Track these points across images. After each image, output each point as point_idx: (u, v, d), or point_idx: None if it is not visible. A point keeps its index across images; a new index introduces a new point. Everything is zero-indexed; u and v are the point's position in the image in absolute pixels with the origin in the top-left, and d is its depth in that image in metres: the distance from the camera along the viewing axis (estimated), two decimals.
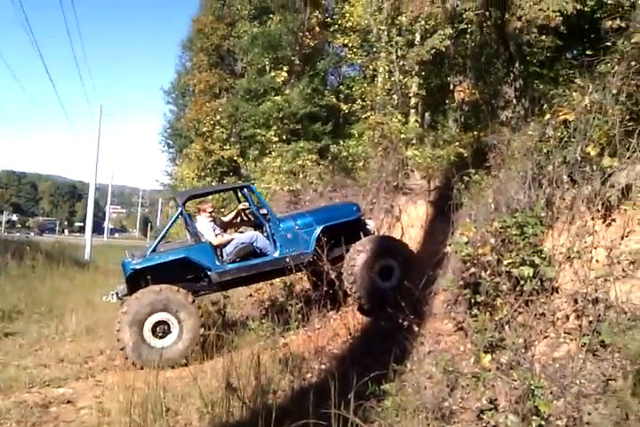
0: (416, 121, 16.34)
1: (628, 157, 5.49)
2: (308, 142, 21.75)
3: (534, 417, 4.26)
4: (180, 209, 7.73)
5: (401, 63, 20.01)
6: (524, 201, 6.17)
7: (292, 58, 22.41)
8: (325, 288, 6.99)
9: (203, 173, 28.52)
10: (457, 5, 12.11)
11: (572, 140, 5.91)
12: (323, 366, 6.41)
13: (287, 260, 7.50)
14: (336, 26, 21.25)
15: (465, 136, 12.36)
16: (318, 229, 7.93)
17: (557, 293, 5.38)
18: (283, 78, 21.88)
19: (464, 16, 12.02)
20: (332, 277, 7.19)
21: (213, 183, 26.07)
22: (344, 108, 21.16)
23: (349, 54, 20.44)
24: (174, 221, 8.07)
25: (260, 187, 21.43)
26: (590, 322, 4.91)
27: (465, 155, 11.13)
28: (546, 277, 5.26)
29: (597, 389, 4.42)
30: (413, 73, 15.77)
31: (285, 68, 21.84)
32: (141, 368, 6.57)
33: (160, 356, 6.21)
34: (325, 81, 24.52)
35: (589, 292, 5.08)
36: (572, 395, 4.39)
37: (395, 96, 19.68)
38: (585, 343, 4.78)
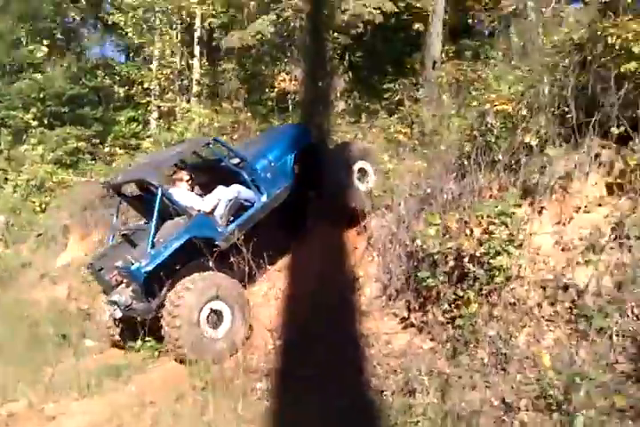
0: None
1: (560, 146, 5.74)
2: (75, 128, 19.40)
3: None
4: (159, 190, 6.48)
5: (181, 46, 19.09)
6: (456, 191, 6.13)
7: (54, 31, 19.65)
8: None
9: None
10: None
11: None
12: (262, 386, 5.55)
13: (277, 199, 7.32)
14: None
15: None
16: (291, 159, 7.56)
17: (509, 280, 5.37)
18: (43, 54, 19.04)
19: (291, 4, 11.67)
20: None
21: None
22: (120, 91, 19.22)
23: (129, 33, 18.56)
24: (160, 205, 6.47)
25: (18, 179, 18.48)
26: (570, 308, 5.00)
27: None
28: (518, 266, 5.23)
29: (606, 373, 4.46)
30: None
31: (46, 42, 19.03)
32: None
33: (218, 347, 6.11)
34: (92, 60, 22.09)
35: (556, 278, 5.20)
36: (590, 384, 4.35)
37: (185, 82, 18.74)
38: (573, 329, 4.85)
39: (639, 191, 5.25)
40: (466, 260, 5.25)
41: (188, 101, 18.64)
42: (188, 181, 7.21)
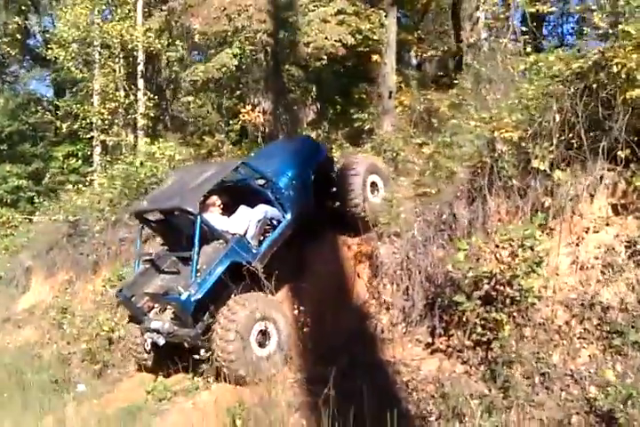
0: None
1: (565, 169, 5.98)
2: (15, 165, 18.63)
3: None
4: (198, 218, 6.37)
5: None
6: (467, 215, 6.29)
7: None
8: None
9: None
10: (247, 25, 11.85)
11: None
12: (295, 421, 5.40)
13: (300, 215, 7.39)
14: (48, 34, 18.77)
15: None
16: (311, 175, 7.73)
17: (539, 300, 5.52)
18: None
19: (257, 38, 11.76)
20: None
21: None
22: (63, 126, 18.64)
23: (70, 67, 18.14)
24: (200, 233, 6.35)
25: None
26: (598, 325, 5.17)
27: None
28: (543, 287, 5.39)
29: None
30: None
31: None
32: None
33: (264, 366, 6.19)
34: (27, 95, 21.36)
35: (580, 297, 5.38)
36: None
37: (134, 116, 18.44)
38: (606, 346, 5.02)
39: None
40: (494, 282, 5.35)
41: (135, 136, 18.41)
42: (219, 205, 7.16)
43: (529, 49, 11.08)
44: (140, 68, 19.09)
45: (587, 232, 5.78)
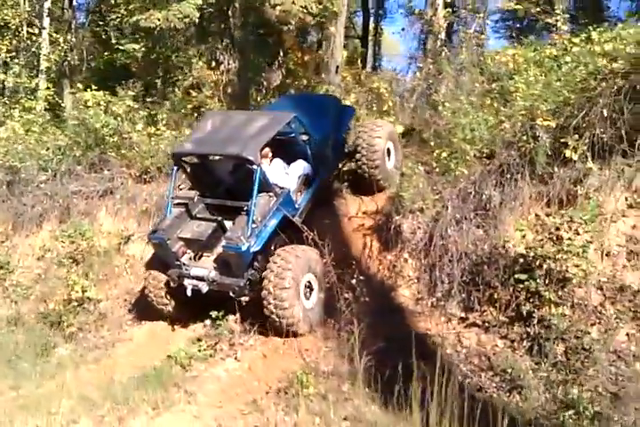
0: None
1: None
2: None
3: None
4: (257, 169, 6.14)
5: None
6: (498, 198, 6.50)
7: None
8: None
9: None
10: None
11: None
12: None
13: (332, 174, 7.81)
14: None
15: None
16: (343, 135, 8.07)
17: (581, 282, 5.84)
18: None
19: None
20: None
21: None
22: None
23: None
24: (260, 183, 6.10)
25: None
26: (630, 307, 5.62)
27: None
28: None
29: None
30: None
31: None
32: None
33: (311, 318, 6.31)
34: None
35: (610, 280, 5.82)
36: None
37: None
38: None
39: None
40: (550, 263, 5.63)
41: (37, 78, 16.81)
42: (270, 157, 6.98)
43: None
44: (47, 4, 17.43)
45: (605, 222, 6.21)
